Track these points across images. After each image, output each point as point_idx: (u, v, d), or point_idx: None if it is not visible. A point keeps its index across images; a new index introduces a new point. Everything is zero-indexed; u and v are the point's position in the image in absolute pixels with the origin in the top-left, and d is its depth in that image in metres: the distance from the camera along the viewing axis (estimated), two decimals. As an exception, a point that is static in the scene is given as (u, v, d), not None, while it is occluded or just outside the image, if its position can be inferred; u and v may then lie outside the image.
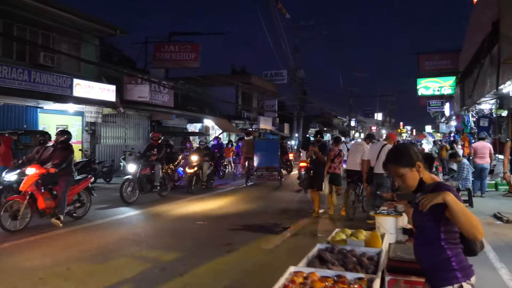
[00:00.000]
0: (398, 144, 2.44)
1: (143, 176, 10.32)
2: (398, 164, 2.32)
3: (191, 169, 12.20)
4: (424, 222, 2.26)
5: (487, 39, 11.74)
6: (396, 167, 2.32)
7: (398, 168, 2.32)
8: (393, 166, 2.35)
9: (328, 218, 8.38)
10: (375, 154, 7.85)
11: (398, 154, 2.35)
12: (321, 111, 39.78)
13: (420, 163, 2.32)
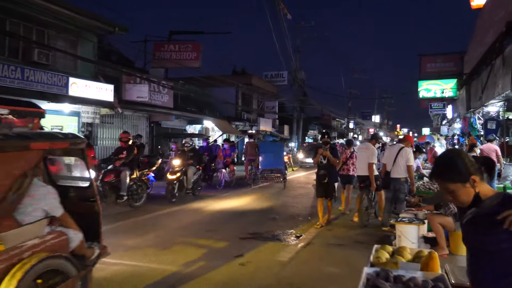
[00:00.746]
0: (449, 151, 2.01)
1: (106, 184, 9.04)
2: (446, 180, 1.91)
3: (172, 175, 10.61)
4: (496, 245, 1.81)
5: (499, 39, 11.38)
6: (445, 182, 1.91)
7: (447, 184, 1.90)
8: (440, 180, 1.94)
9: (341, 226, 7.96)
10: (392, 158, 7.45)
11: (446, 168, 1.91)
12: (320, 113, 39.44)
13: (476, 177, 1.89)
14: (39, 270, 2.98)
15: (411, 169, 7.34)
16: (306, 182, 16.34)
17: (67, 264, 3.28)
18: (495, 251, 1.82)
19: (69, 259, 3.32)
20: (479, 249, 1.90)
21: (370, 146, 8.41)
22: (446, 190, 1.92)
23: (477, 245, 1.90)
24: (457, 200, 1.93)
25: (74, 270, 3.33)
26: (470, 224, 1.95)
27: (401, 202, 7.38)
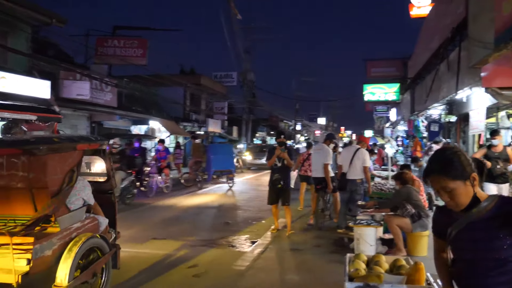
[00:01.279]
0: (446, 148, 1.91)
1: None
2: (447, 176, 1.71)
3: None
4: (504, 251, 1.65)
5: (443, 45, 11.80)
6: (444, 180, 1.71)
7: (447, 182, 1.70)
8: (439, 178, 1.73)
9: (297, 229, 7.69)
10: (348, 159, 7.34)
11: (448, 163, 1.73)
12: (269, 114, 39.55)
13: (476, 175, 1.73)
14: (87, 246, 3.72)
15: (368, 170, 7.28)
16: (257, 184, 16.08)
17: (103, 243, 4.04)
18: (502, 258, 1.66)
19: (104, 238, 4.11)
20: (484, 258, 1.70)
21: (325, 147, 8.22)
22: (444, 189, 1.73)
23: (480, 254, 1.71)
24: (455, 201, 1.73)
25: (107, 248, 4.09)
26: (466, 231, 1.75)
27: (356, 204, 7.29)
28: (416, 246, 5.85)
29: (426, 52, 14.65)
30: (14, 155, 3.65)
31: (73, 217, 3.88)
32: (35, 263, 3.22)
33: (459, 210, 1.75)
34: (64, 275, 3.36)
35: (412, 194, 5.88)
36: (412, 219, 5.76)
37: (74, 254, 3.49)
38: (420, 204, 5.90)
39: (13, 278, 3.15)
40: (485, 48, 6.82)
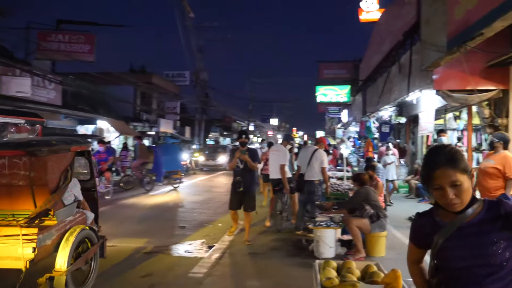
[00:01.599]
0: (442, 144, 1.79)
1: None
2: (457, 169, 1.59)
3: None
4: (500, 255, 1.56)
5: (395, 48, 12.11)
6: (455, 172, 1.58)
7: (457, 174, 1.58)
8: (448, 171, 1.59)
9: (255, 231, 7.50)
10: (306, 160, 7.25)
11: (455, 155, 1.62)
12: (222, 115, 39.20)
13: (473, 171, 1.66)
14: (81, 237, 4.14)
15: (326, 171, 7.22)
16: (211, 186, 15.77)
17: (92, 234, 4.51)
18: (498, 264, 1.56)
19: (94, 230, 4.59)
20: (477, 265, 1.58)
21: (282, 148, 8.14)
22: (452, 183, 1.59)
23: (473, 261, 1.59)
24: (462, 197, 1.60)
25: (96, 239, 4.55)
26: (455, 238, 1.62)
27: (315, 205, 7.22)
28: (375, 246, 5.85)
29: (377, 55, 15.02)
30: (17, 156, 4.07)
31: (67, 211, 4.34)
32: (39, 251, 3.70)
33: (461, 209, 1.62)
34: (63, 262, 3.83)
35: (370, 194, 5.87)
36: (371, 220, 5.76)
37: (71, 243, 3.96)
38: (378, 205, 5.91)
39: (22, 264, 3.60)
40: (437, 51, 6.98)
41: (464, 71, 7.82)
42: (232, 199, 6.71)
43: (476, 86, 7.81)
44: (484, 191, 5.79)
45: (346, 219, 5.91)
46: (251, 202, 6.65)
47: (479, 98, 7.87)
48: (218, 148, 27.16)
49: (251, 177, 6.70)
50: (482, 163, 5.84)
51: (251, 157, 6.58)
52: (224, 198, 11.48)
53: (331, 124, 43.24)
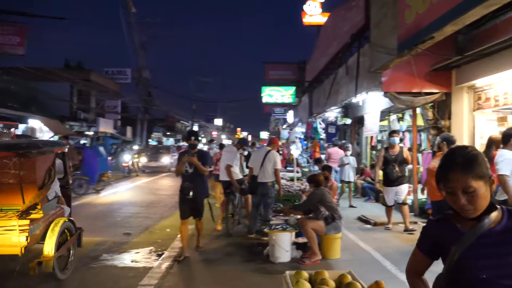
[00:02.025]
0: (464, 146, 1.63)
1: None
2: (472, 174, 1.46)
3: None
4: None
5: (342, 50, 12.32)
6: (468, 178, 1.46)
7: (471, 180, 1.45)
8: (462, 175, 1.47)
9: (205, 236, 7.16)
10: (259, 161, 7.06)
11: (472, 159, 1.49)
12: (165, 114, 38.14)
13: (494, 177, 1.51)
14: (63, 227, 4.77)
15: (279, 172, 7.08)
16: (156, 188, 15.15)
17: (72, 226, 5.09)
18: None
19: (73, 222, 5.16)
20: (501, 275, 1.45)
21: (233, 149, 7.92)
22: (466, 189, 1.46)
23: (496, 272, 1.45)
24: (475, 205, 1.47)
25: (74, 230, 5.13)
26: (477, 248, 1.49)
27: (268, 207, 7.05)
28: (330, 248, 5.78)
29: (324, 57, 15.25)
30: (7, 157, 4.57)
31: (51, 205, 4.95)
32: (31, 239, 4.30)
33: (475, 216, 1.50)
34: (50, 248, 4.42)
35: (325, 196, 5.79)
36: (326, 222, 5.67)
37: (57, 233, 4.55)
38: (334, 206, 5.84)
39: (18, 250, 4.25)
40: (387, 54, 7.09)
41: (411, 74, 8.06)
42: (182, 207, 5.90)
43: (421, 89, 8.07)
44: (432, 191, 5.96)
45: (301, 222, 5.78)
46: (201, 209, 5.97)
47: (425, 100, 8.14)
48: (161, 149, 26.27)
49: (201, 182, 5.96)
50: (431, 163, 5.99)
51: (201, 160, 5.82)
52: (171, 201, 11.01)
53: (275, 125, 43.70)
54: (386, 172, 7.53)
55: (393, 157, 7.48)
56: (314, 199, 5.84)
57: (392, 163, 7.43)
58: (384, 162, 7.56)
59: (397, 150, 7.58)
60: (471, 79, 7.41)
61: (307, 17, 26.07)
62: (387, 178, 7.53)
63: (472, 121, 7.70)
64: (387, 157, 7.52)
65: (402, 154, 7.52)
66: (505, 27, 6.46)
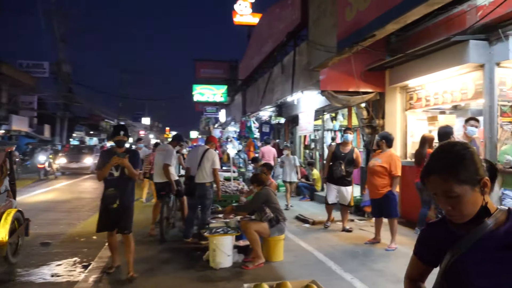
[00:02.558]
0: (455, 142, 1.41)
1: None
2: (454, 178, 1.27)
3: None
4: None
5: (277, 48, 12.27)
6: (449, 182, 1.27)
7: (453, 185, 1.27)
8: (444, 180, 1.28)
9: (139, 242, 6.57)
10: (197, 161, 6.64)
11: (458, 161, 1.29)
12: (89, 112, 35.79)
13: (488, 180, 1.31)
14: (15, 217, 5.42)
15: (217, 172, 6.71)
16: (78, 191, 13.97)
17: (21, 216, 5.78)
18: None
19: (21, 213, 5.82)
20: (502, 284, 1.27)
21: (169, 147, 7.38)
22: (446, 194, 1.28)
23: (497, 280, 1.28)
24: (459, 211, 1.29)
25: (22, 220, 5.83)
26: (477, 252, 1.31)
27: (206, 209, 6.66)
28: (274, 251, 5.55)
29: (258, 55, 15.16)
30: None
31: (2, 198, 5.55)
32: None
33: (461, 222, 1.32)
34: (4, 235, 4.96)
35: (271, 196, 5.56)
36: (270, 224, 5.44)
37: (9, 221, 5.11)
38: (279, 207, 5.63)
39: None
40: (326, 52, 7.07)
41: (347, 74, 8.15)
42: (102, 218, 4.82)
43: (357, 88, 8.19)
44: (372, 189, 6.00)
45: (244, 224, 5.49)
46: (129, 221, 4.86)
47: (360, 100, 8.28)
48: (83, 149, 24.49)
49: (130, 189, 4.90)
50: (371, 161, 6.03)
51: (132, 162, 4.79)
52: (96, 204, 10.14)
53: (205, 124, 43.09)
54: (332, 169, 7.27)
55: (343, 154, 7.20)
56: (259, 200, 5.58)
57: (340, 160, 7.15)
58: (332, 158, 7.31)
59: (348, 149, 7.25)
60: (403, 80, 7.66)
61: (237, 17, 26.03)
62: (331, 174, 7.30)
63: (404, 120, 7.97)
64: (337, 154, 7.25)
65: (352, 154, 7.21)
66: (437, 29, 6.73)
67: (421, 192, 6.57)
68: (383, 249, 5.81)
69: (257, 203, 5.54)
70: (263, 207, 5.46)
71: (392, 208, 5.71)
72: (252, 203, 5.68)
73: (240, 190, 8.65)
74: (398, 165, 5.70)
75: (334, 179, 7.27)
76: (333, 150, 7.37)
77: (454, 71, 6.44)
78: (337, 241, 6.50)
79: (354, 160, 7.24)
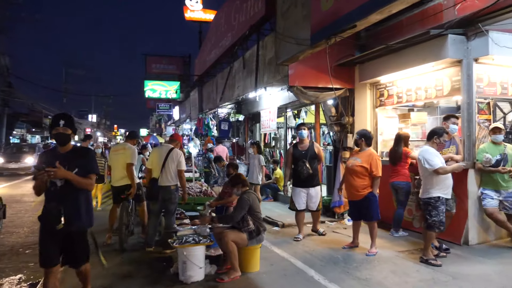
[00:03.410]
0: None
1: None
2: None
3: None
4: None
5: (238, 43, 11.76)
6: None
7: None
8: None
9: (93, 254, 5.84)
10: (160, 162, 6.00)
11: None
12: (30, 108, 33.23)
13: None
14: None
15: (184, 174, 6.11)
16: (20, 195, 12.66)
17: None
18: None
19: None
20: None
21: (128, 145, 6.64)
22: None
23: None
24: None
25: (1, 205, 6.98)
26: None
27: (171, 215, 6.05)
28: (250, 261, 5.04)
29: (216, 49, 14.55)
30: None
31: None
32: None
33: None
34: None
35: (255, 203, 4.99)
36: (250, 236, 4.90)
37: None
38: (260, 216, 5.08)
39: None
40: (298, 44, 6.67)
41: (317, 69, 7.82)
42: (46, 246, 3.49)
43: (326, 84, 7.89)
44: (351, 190, 5.67)
45: (220, 233, 4.91)
46: (85, 247, 3.67)
47: (331, 96, 7.98)
48: (24, 148, 22.63)
49: (82, 202, 3.58)
50: (350, 160, 5.69)
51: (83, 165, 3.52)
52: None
53: (156, 122, 41.65)
54: (296, 171, 6.51)
55: (303, 153, 6.50)
56: (244, 206, 4.89)
57: (302, 159, 6.44)
58: (293, 160, 6.58)
59: (306, 145, 6.55)
60: (374, 76, 7.44)
61: (188, 12, 25.37)
62: (297, 177, 6.53)
63: (374, 118, 7.77)
64: (296, 154, 6.53)
65: (313, 149, 6.55)
66: (411, 24, 6.54)
67: (397, 192, 6.37)
68: (363, 254, 5.50)
69: (241, 211, 4.91)
70: (246, 217, 4.90)
71: (374, 210, 5.40)
72: (236, 211, 4.95)
73: (203, 192, 8.09)
74: (379, 165, 5.42)
75: (301, 181, 6.46)
76: (291, 152, 6.64)
77: (430, 67, 6.28)
78: (312, 246, 6.12)
79: (317, 155, 6.54)
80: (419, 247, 5.65)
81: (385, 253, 5.54)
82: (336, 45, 6.43)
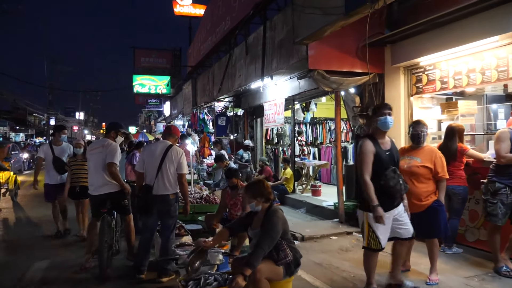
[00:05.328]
0: None
1: None
2: None
3: None
4: None
5: (239, 25, 10.41)
6: None
7: None
8: None
9: (63, 280, 4.48)
10: (155, 163, 4.60)
11: None
12: (13, 105, 31.40)
13: None
14: None
15: (185, 179, 4.73)
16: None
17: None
18: None
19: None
20: None
21: (108, 141, 5.14)
22: None
23: None
24: None
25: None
26: None
27: (170, 232, 4.67)
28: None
29: (213, 35, 13.16)
30: None
31: None
32: None
33: None
34: None
35: (286, 225, 3.59)
36: (288, 269, 3.50)
37: None
38: (295, 246, 3.68)
39: None
40: (324, 15, 5.36)
41: (340, 49, 6.55)
42: None
43: (352, 68, 6.62)
44: (412, 199, 4.21)
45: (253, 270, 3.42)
46: None
47: (356, 83, 6.71)
48: (4, 144, 21.09)
49: None
50: (404, 160, 4.30)
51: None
52: (33, 215, 7.73)
53: (145, 119, 40.12)
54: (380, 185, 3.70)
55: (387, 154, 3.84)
56: (278, 229, 3.41)
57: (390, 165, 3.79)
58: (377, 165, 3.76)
59: (388, 143, 3.92)
60: (411, 57, 6.17)
61: (178, 7, 24.10)
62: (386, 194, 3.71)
63: (410, 108, 6.52)
64: (381, 156, 3.77)
65: (396, 149, 3.98)
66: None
67: (450, 198, 5.07)
68: (422, 282, 4.21)
69: (272, 241, 3.38)
70: (282, 245, 3.49)
71: (441, 223, 4.10)
72: (270, 238, 3.38)
73: (205, 198, 6.76)
74: (444, 164, 4.14)
75: (391, 199, 3.77)
76: (374, 150, 3.77)
77: (491, 43, 5.02)
78: (349, 268, 4.83)
79: None
80: (487, 270, 4.42)
81: (449, 280, 4.27)
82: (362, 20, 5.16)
